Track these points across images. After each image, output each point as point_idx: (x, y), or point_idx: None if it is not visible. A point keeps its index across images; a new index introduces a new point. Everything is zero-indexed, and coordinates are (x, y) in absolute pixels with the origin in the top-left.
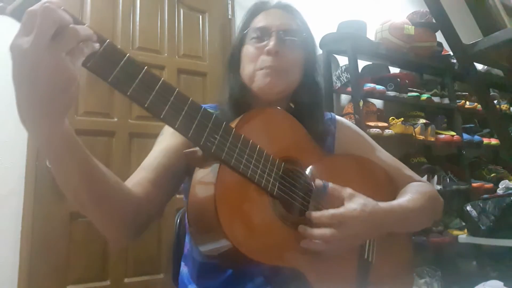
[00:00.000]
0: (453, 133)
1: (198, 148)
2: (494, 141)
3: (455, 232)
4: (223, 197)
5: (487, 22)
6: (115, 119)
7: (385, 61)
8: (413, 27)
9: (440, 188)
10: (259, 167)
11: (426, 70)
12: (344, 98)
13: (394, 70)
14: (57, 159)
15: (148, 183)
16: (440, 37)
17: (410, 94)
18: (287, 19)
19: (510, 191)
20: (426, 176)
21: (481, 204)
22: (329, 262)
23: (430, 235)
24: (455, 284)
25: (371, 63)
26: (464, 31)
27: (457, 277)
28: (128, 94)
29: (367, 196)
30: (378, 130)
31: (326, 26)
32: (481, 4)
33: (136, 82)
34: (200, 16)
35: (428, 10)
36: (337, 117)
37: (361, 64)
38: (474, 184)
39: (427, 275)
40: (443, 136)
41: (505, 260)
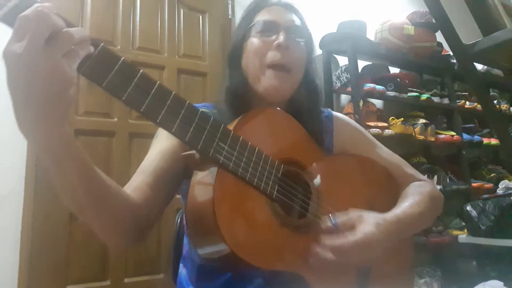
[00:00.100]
0: (453, 133)
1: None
2: (494, 141)
3: (455, 232)
4: (221, 201)
5: (487, 22)
6: (115, 119)
7: (385, 61)
8: (413, 27)
9: (440, 188)
10: (258, 169)
11: (426, 70)
12: (344, 98)
13: (394, 70)
14: (56, 164)
15: (146, 187)
16: (440, 37)
17: (410, 94)
18: (291, 17)
19: (510, 191)
20: (426, 176)
21: (481, 204)
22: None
23: (430, 235)
24: (455, 284)
25: (371, 63)
26: (464, 31)
27: (457, 277)
28: (123, 99)
29: (368, 197)
30: (378, 130)
31: (326, 26)
32: (481, 4)
33: (132, 86)
34: (200, 16)
35: (428, 10)
36: (334, 113)
37: (361, 64)
38: (474, 184)
39: (427, 275)
40: (443, 136)
41: (505, 260)
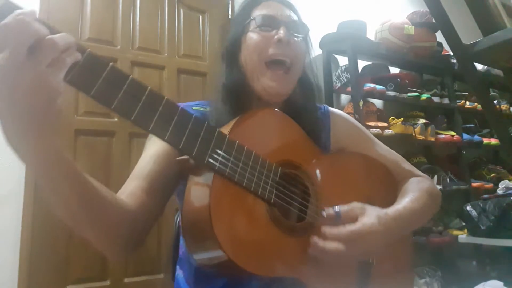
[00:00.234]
0: (453, 133)
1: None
2: (494, 141)
3: (455, 232)
4: (218, 207)
5: (487, 22)
6: (115, 119)
7: (385, 61)
8: (413, 27)
9: (440, 188)
10: (255, 174)
11: (426, 70)
12: (344, 98)
13: (394, 70)
14: (47, 178)
15: (141, 192)
16: (440, 37)
17: (410, 94)
18: (290, 13)
19: (510, 191)
20: None
21: (481, 204)
22: (329, 265)
23: (430, 235)
24: (455, 284)
25: (371, 63)
26: (464, 31)
27: (457, 277)
28: (112, 107)
29: (367, 196)
30: (378, 130)
31: (326, 26)
32: (481, 4)
33: (121, 93)
34: (200, 16)
35: (428, 10)
36: (330, 109)
37: (361, 64)
38: (474, 184)
39: (427, 275)
40: (443, 136)
41: (505, 260)
